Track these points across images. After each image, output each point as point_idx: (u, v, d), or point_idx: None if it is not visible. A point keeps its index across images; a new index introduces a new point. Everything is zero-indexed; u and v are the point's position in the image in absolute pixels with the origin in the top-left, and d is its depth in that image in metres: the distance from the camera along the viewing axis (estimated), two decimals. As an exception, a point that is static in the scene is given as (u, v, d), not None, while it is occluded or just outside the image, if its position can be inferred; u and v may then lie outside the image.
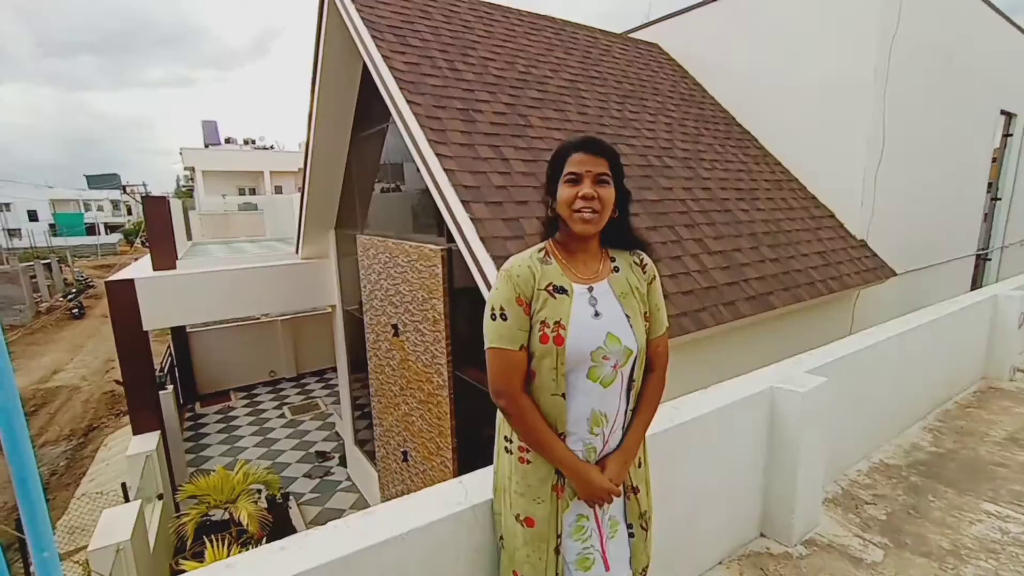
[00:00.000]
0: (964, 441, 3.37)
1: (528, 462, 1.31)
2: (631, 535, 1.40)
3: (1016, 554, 2.32)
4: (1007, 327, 4.30)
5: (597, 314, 1.28)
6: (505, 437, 1.37)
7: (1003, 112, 8.36)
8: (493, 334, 1.28)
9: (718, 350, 4.11)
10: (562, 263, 1.33)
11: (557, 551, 1.31)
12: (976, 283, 8.87)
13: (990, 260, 9.15)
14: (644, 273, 1.40)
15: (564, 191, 1.28)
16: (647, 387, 1.39)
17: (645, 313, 1.36)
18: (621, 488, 1.34)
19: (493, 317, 1.28)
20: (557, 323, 1.25)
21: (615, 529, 1.36)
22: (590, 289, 1.31)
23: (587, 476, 1.27)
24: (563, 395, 1.27)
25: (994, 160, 8.61)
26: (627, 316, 1.31)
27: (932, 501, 2.74)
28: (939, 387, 3.87)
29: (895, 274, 5.81)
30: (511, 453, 1.34)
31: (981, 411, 3.81)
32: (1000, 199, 9.05)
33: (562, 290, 1.29)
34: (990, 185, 8.68)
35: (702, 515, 2.18)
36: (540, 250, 1.36)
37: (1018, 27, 8.25)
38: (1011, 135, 8.83)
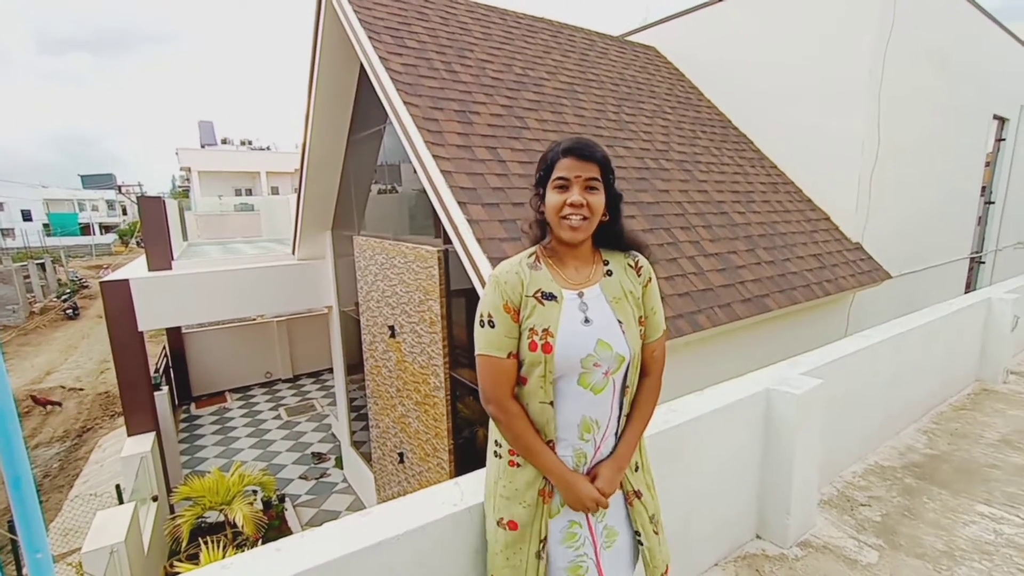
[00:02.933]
0: (958, 443, 3.39)
1: (517, 465, 1.30)
2: (640, 542, 1.36)
3: (1010, 555, 2.33)
4: (1000, 330, 4.33)
5: (587, 320, 1.25)
6: (495, 441, 1.35)
7: (996, 117, 8.44)
8: (482, 341, 1.27)
9: (714, 352, 4.12)
10: (552, 268, 1.30)
11: (539, 556, 1.28)
12: (970, 286, 8.93)
13: (984, 263, 9.22)
14: (639, 276, 1.35)
15: (552, 197, 1.25)
16: (641, 392, 1.36)
17: (640, 317, 1.33)
18: (613, 498, 1.31)
19: (482, 324, 1.28)
20: (545, 331, 1.23)
21: (612, 539, 1.32)
22: (580, 295, 1.28)
23: (574, 485, 1.25)
24: (551, 403, 1.25)
25: (987, 164, 8.68)
26: (619, 322, 1.27)
27: (926, 503, 2.75)
28: (933, 389, 3.89)
29: (890, 276, 5.85)
30: (500, 457, 1.33)
31: (975, 413, 3.83)
32: (993, 203, 9.12)
33: (551, 296, 1.26)
34: (984, 189, 8.75)
35: (697, 516, 2.18)
36: (530, 255, 1.33)
37: (1011, 32, 8.34)
38: (1004, 139, 8.92)
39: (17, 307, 19.94)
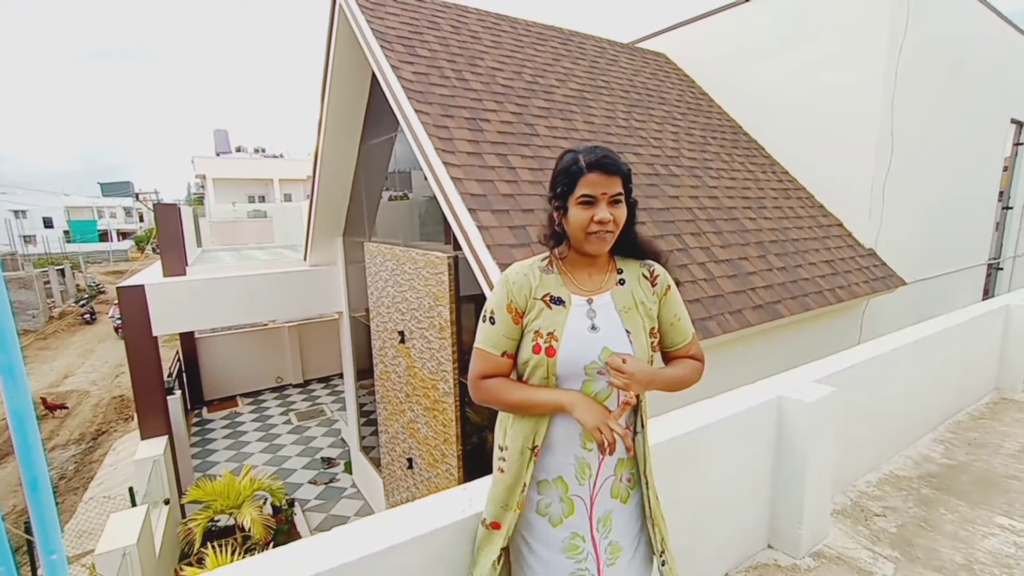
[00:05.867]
0: (976, 453, 3.32)
1: (503, 471, 1.30)
2: (663, 563, 1.34)
3: (1031, 569, 2.28)
4: (1020, 337, 4.24)
5: (594, 327, 1.25)
6: (497, 446, 1.36)
7: (1014, 121, 8.31)
8: (480, 335, 1.31)
9: (725, 359, 4.08)
10: (564, 274, 1.30)
11: (499, 559, 1.30)
12: (988, 293, 8.76)
13: (1002, 269, 9.04)
14: (654, 286, 1.33)
15: (578, 213, 1.23)
16: (680, 360, 1.37)
17: (652, 329, 1.31)
18: (620, 516, 1.31)
19: (483, 319, 1.31)
20: (550, 334, 1.23)
21: (615, 555, 1.29)
22: (589, 301, 1.27)
23: (588, 401, 1.20)
24: None
25: (1005, 169, 8.54)
26: (627, 331, 1.26)
27: (944, 514, 2.69)
28: (950, 398, 3.82)
29: (904, 283, 5.76)
30: (496, 461, 1.35)
31: (994, 423, 3.75)
32: (1012, 208, 8.96)
33: (559, 301, 1.27)
34: (1001, 194, 8.60)
35: (708, 525, 2.16)
36: (544, 259, 1.34)
37: (1028, 36, 8.21)
38: (1022, 144, 8.76)
39: (37, 312, 20.35)
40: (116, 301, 17.55)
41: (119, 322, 16.70)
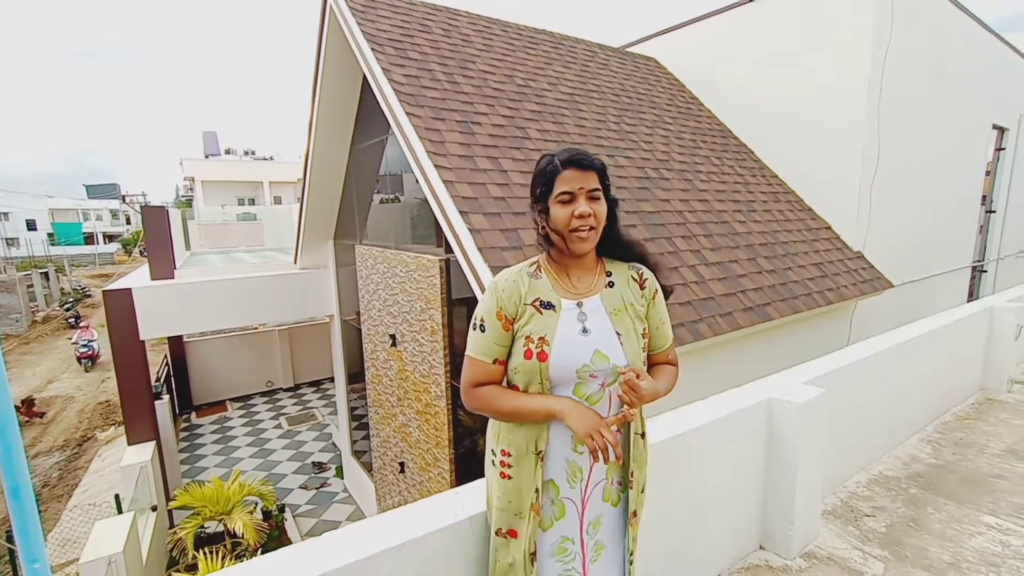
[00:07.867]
0: (963, 453, 3.36)
1: (509, 477, 1.29)
2: (630, 562, 1.37)
3: (1017, 567, 2.31)
4: (1004, 339, 4.31)
5: (585, 331, 1.25)
6: (491, 450, 1.35)
7: (995, 126, 8.48)
8: (471, 343, 1.31)
9: (715, 361, 4.11)
10: (553, 278, 1.31)
11: (532, 562, 1.30)
12: (972, 295, 8.91)
13: (986, 272, 9.20)
14: (643, 289, 1.35)
15: (559, 211, 1.25)
16: (664, 367, 1.40)
17: (643, 331, 1.32)
18: (606, 514, 1.32)
19: (474, 327, 1.31)
20: (541, 339, 1.24)
21: (599, 552, 1.33)
22: (579, 305, 1.28)
23: (581, 407, 1.21)
24: None
25: (988, 173, 8.71)
26: (618, 334, 1.27)
27: (932, 513, 2.73)
28: (937, 399, 3.87)
29: (892, 285, 5.84)
30: (495, 466, 1.33)
31: (979, 423, 3.81)
32: (994, 212, 9.13)
33: (549, 305, 1.27)
34: (984, 198, 8.76)
35: (700, 527, 2.17)
36: (532, 264, 1.34)
37: (1009, 44, 8.40)
38: (1004, 149, 8.94)
39: (20, 316, 19.99)
40: (83, 325, 16.25)
41: (84, 350, 15.38)
